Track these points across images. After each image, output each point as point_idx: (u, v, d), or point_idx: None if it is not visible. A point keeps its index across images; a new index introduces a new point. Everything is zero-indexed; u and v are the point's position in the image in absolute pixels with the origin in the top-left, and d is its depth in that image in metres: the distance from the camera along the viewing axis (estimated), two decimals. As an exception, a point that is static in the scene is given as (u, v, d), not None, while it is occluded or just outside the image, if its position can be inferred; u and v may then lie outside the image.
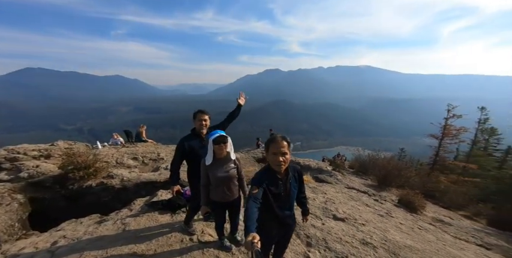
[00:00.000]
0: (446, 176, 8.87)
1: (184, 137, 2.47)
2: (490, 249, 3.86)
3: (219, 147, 2.00)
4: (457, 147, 12.45)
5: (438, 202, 6.93)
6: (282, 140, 1.46)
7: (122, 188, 4.41)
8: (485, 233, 4.72)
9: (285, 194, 1.56)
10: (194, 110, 2.49)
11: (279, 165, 1.47)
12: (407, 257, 2.63)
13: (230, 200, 2.15)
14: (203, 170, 2.08)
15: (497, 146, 14.22)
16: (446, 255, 2.88)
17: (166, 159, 6.63)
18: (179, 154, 2.41)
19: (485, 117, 12.83)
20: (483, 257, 3.28)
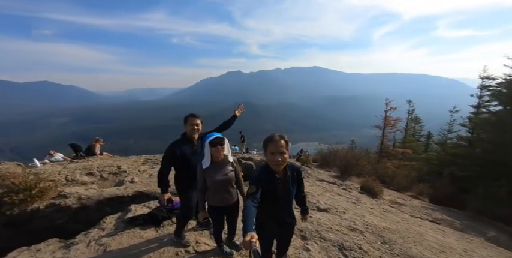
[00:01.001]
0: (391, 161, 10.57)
1: (174, 142, 2.31)
2: (439, 224, 4.56)
3: (216, 149, 1.92)
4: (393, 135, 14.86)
5: (389, 186, 7.80)
6: (280, 139, 1.46)
7: (81, 207, 3.81)
8: (431, 210, 5.54)
9: (284, 193, 1.56)
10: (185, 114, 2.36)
11: (277, 164, 1.46)
12: (390, 237, 2.91)
13: (229, 203, 2.07)
14: (200, 174, 1.98)
15: (421, 132, 17.58)
16: (414, 233, 3.30)
17: (129, 172, 6.00)
18: (168, 161, 2.25)
19: (412, 108, 15.70)
20: (438, 231, 3.84)
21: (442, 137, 14.22)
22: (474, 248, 3.26)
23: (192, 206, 2.39)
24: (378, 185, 5.78)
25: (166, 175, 2.26)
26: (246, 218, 1.25)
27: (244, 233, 1.15)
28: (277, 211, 1.60)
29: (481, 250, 3.25)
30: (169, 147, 2.28)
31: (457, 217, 5.35)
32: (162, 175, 2.25)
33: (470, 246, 3.38)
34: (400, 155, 11.16)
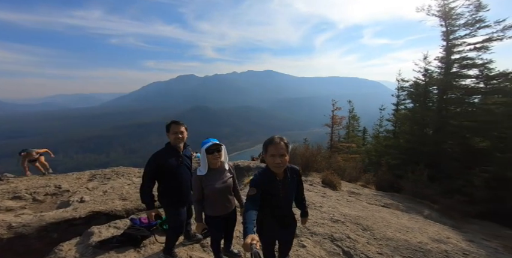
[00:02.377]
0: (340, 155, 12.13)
1: (157, 154, 2.10)
2: (389, 208, 5.23)
3: (213, 156, 1.84)
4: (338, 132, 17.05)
5: (342, 178, 8.46)
6: (280, 142, 1.46)
7: (16, 237, 3.09)
8: (380, 196, 6.26)
9: (284, 195, 1.55)
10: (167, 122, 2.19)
11: (278, 166, 1.46)
12: (367, 224, 3.19)
13: (229, 211, 2.00)
14: (197, 184, 1.87)
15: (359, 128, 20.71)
16: (379, 218, 3.75)
17: (74, 191, 5.14)
18: (151, 176, 2.06)
19: (351, 107, 18.40)
20: (392, 215, 4.42)
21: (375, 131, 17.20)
22: (423, 226, 3.84)
23: (183, 220, 2.27)
24: (336, 178, 6.23)
25: (150, 190, 2.09)
26: (246, 220, 1.25)
27: (244, 235, 1.15)
28: (278, 213, 1.60)
29: (428, 227, 3.85)
30: (151, 160, 2.07)
31: (399, 200, 6.22)
32: (146, 191, 2.06)
33: (420, 224, 3.96)
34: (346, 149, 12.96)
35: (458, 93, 10.27)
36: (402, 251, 2.64)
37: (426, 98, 11.16)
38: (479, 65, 9.42)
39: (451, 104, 10.49)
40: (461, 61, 9.68)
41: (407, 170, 8.50)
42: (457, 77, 10.06)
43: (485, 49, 9.03)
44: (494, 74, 9.52)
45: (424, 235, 3.31)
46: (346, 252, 2.58)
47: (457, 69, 9.91)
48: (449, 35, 9.52)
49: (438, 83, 10.44)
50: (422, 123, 11.25)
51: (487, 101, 9.90)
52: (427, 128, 11.21)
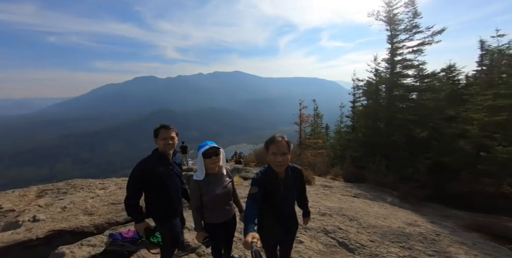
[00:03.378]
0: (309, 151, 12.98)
1: (144, 161, 1.90)
2: (359, 198, 5.57)
3: (211, 161, 1.73)
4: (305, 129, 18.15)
5: (313, 173, 8.84)
6: (281, 140, 1.45)
7: None
8: (349, 187, 6.67)
9: (285, 194, 1.55)
10: (156, 126, 2.01)
11: (279, 165, 1.45)
12: (351, 215, 3.35)
13: (230, 217, 1.91)
14: (196, 190, 1.75)
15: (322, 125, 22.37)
16: (357, 208, 3.99)
17: (21, 210, 4.44)
18: (138, 185, 1.86)
19: (316, 106, 19.79)
20: (364, 204, 4.74)
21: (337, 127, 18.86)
22: (393, 212, 4.20)
23: (179, 231, 2.14)
24: (310, 173, 6.49)
25: (137, 203, 1.88)
26: (246, 219, 1.24)
27: (245, 234, 1.14)
28: (279, 213, 1.59)
29: (397, 213, 4.25)
30: (137, 169, 1.86)
31: (366, 190, 6.72)
32: (133, 203, 1.85)
33: (389, 211, 4.32)
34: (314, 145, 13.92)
35: (401, 91, 11.98)
36: (389, 237, 2.86)
37: (378, 95, 12.69)
38: (416, 66, 11.15)
39: (397, 100, 12.13)
40: (403, 62, 11.28)
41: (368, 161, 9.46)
42: (400, 77, 11.69)
43: (420, 52, 10.74)
44: (426, 73, 11.44)
45: (399, 220, 3.68)
46: (342, 243, 2.70)
47: (400, 69, 11.50)
48: (393, 38, 11.00)
49: (386, 81, 11.98)
50: (376, 118, 12.74)
51: (422, 97, 11.79)
52: (380, 122, 12.78)
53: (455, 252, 2.56)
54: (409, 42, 10.68)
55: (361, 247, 2.62)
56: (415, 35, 10.40)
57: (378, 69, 12.17)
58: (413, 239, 2.89)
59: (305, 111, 14.44)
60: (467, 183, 8.93)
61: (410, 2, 9.96)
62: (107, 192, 4.90)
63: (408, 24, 10.35)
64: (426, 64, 10.87)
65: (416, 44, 10.57)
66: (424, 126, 11.59)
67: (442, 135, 11.24)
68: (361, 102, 15.18)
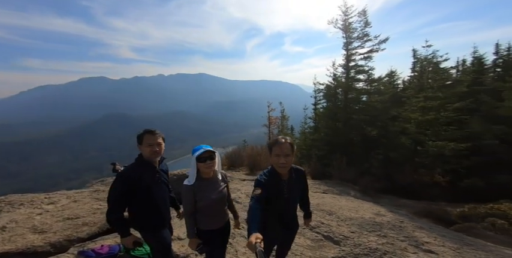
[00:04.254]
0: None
1: (127, 170, 1.72)
2: (328, 193, 5.79)
3: (205, 165, 1.64)
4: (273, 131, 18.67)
5: None
6: (285, 142, 1.44)
7: None
8: (318, 184, 6.97)
9: (288, 196, 1.54)
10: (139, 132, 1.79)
11: (282, 166, 1.45)
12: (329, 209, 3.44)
13: (224, 223, 1.84)
14: (189, 195, 1.64)
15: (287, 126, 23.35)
16: (331, 203, 4.12)
17: None
18: (122, 196, 1.66)
19: (282, 108, 20.55)
20: (333, 198, 4.94)
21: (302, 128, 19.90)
22: (360, 205, 4.44)
23: (170, 242, 1.97)
24: None
25: (122, 216, 1.70)
26: (250, 220, 1.24)
27: (248, 234, 1.14)
28: (282, 215, 1.59)
29: (363, 205, 4.51)
30: (121, 178, 1.68)
31: (332, 186, 7.10)
32: (117, 216, 1.66)
33: (356, 203, 4.57)
34: (282, 146, 14.29)
35: (355, 94, 13.31)
36: (366, 227, 3.05)
37: (336, 98, 13.80)
38: (366, 71, 12.56)
39: (352, 102, 13.41)
40: (356, 68, 12.56)
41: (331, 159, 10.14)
42: (354, 81, 13.01)
43: (370, 58, 12.09)
44: (374, 78, 12.98)
45: (367, 211, 3.93)
46: (327, 236, 2.82)
47: (354, 74, 12.79)
48: (348, 45, 12.14)
49: (342, 85, 13.15)
50: (335, 118, 13.81)
51: (371, 99, 13.33)
52: (338, 123, 13.91)
53: (420, 236, 2.84)
54: (361, 49, 11.90)
55: (345, 239, 2.74)
56: (366, 42, 11.64)
57: (335, 73, 13.24)
58: (385, 227, 3.11)
59: (272, 113, 14.77)
60: (409, 175, 10.31)
61: (363, 12, 11.12)
62: (59, 206, 4.14)
63: (360, 33, 11.53)
64: (374, 69, 12.27)
65: (366, 51, 11.83)
66: (374, 125, 13.02)
67: (388, 133, 12.81)
68: (321, 105, 16.32)
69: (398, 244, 2.62)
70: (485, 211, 5.14)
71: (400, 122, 12.40)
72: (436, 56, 11.81)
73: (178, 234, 2.82)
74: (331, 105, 14.15)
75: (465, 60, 16.81)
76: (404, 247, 2.55)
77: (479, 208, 5.38)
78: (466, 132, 10.88)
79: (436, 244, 2.63)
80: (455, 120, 11.08)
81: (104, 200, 4.10)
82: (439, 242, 2.69)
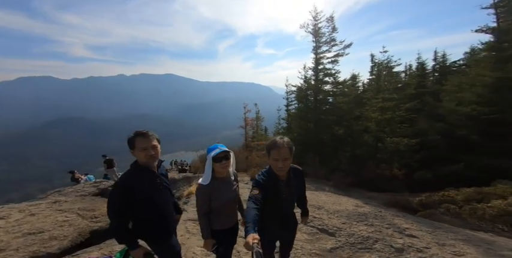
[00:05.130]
0: (255, 153, 13.26)
1: (123, 179, 1.54)
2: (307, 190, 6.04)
3: (221, 165, 1.62)
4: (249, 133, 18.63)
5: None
6: (283, 146, 1.42)
7: None
8: None
9: (287, 195, 1.55)
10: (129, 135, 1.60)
11: (280, 170, 1.45)
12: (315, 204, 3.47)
13: (235, 222, 1.84)
14: (205, 195, 1.62)
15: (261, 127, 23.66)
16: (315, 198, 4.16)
17: None
18: (122, 207, 1.50)
19: (257, 109, 20.69)
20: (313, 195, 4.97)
21: (276, 129, 20.32)
22: (338, 199, 4.58)
23: (179, 250, 1.86)
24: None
25: (126, 228, 1.57)
26: (248, 220, 1.23)
27: (246, 235, 1.13)
28: (281, 214, 1.60)
29: (340, 199, 4.66)
30: (117, 189, 1.52)
31: (309, 183, 7.25)
32: (122, 228, 1.52)
33: (335, 198, 4.73)
34: (258, 147, 14.36)
35: (324, 95, 14.13)
36: (353, 218, 3.17)
37: (307, 100, 14.43)
38: (333, 74, 13.44)
39: (321, 103, 14.20)
40: (324, 71, 13.34)
41: (305, 158, 10.55)
42: (322, 83, 13.81)
43: (336, 62, 12.97)
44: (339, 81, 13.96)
45: (348, 204, 4.10)
46: (322, 229, 2.87)
47: (322, 77, 13.57)
48: (317, 49, 12.83)
49: (312, 87, 13.84)
50: (306, 119, 14.45)
51: (337, 100, 14.33)
52: (310, 123, 14.58)
53: (400, 223, 3.05)
54: (328, 53, 12.69)
55: (339, 230, 2.82)
56: (332, 47, 12.45)
57: (306, 76, 13.84)
58: (370, 217, 3.26)
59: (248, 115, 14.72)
60: (373, 170, 11.31)
61: (330, 18, 11.88)
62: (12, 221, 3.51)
63: (328, 38, 12.29)
64: (340, 73, 13.19)
65: (333, 55, 12.66)
66: (340, 125, 13.97)
67: (353, 132, 13.88)
68: (294, 106, 16.88)
69: (385, 231, 2.76)
70: (439, 198, 5.84)
71: (363, 121, 13.54)
72: (391, 61, 13.26)
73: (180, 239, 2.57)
74: (302, 106, 14.73)
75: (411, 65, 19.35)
76: (391, 234, 2.71)
77: (434, 196, 6.10)
78: (415, 129, 12.43)
79: (415, 229, 2.86)
80: (407, 119, 12.58)
81: (69, 211, 3.81)
82: (417, 227, 2.94)
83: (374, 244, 2.49)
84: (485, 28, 10.42)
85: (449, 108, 11.95)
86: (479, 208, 4.40)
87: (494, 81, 10.00)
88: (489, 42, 10.77)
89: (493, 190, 5.39)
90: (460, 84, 12.16)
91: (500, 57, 10.07)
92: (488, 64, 10.62)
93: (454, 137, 11.44)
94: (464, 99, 11.33)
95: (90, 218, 3.69)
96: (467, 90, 11.39)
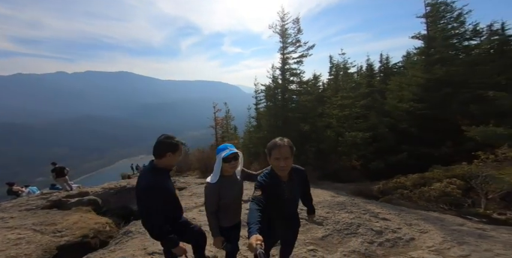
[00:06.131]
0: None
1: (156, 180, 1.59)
2: None
3: (230, 165, 1.67)
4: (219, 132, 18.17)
5: None
6: (284, 145, 1.42)
7: None
8: None
9: (289, 196, 1.54)
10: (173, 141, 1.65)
11: (282, 170, 1.44)
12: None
13: (240, 219, 1.90)
14: (214, 194, 1.67)
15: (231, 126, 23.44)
16: None
17: None
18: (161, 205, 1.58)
19: (227, 109, 20.30)
20: None
21: (247, 127, 20.35)
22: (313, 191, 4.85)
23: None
24: None
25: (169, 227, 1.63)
26: (250, 221, 1.23)
27: (249, 235, 1.14)
28: (283, 214, 1.60)
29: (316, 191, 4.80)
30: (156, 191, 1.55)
31: None
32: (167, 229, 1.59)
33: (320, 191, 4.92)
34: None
35: (290, 94, 14.74)
36: (335, 207, 3.30)
37: (275, 98, 14.84)
38: (298, 74, 14.11)
39: (288, 101, 14.82)
40: (290, 71, 13.89)
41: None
42: (289, 82, 14.39)
43: (301, 62, 13.62)
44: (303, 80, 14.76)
45: (325, 195, 4.26)
46: None
47: (289, 76, 14.12)
48: (284, 49, 13.23)
49: (280, 86, 14.30)
50: (275, 116, 14.89)
51: (302, 99, 15.15)
52: (278, 121, 15.03)
53: (373, 209, 3.35)
54: (294, 54, 13.23)
55: (325, 219, 2.94)
56: (298, 48, 13.01)
57: (274, 75, 14.20)
58: (347, 205, 3.49)
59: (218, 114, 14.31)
60: (335, 162, 12.33)
61: (296, 20, 12.37)
62: None
63: (294, 39, 12.78)
64: (304, 73, 13.93)
65: (298, 56, 13.25)
66: (306, 122, 14.81)
67: (317, 128, 14.88)
68: (263, 105, 17.12)
69: (363, 217, 3.01)
70: (393, 185, 6.65)
71: (325, 118, 14.62)
72: (347, 62, 14.60)
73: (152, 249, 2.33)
74: (271, 104, 15.07)
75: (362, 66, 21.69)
76: (368, 218, 2.96)
77: (389, 183, 6.92)
78: (368, 124, 14.00)
79: (385, 213, 3.20)
80: (362, 115, 14.07)
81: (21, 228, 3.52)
82: (386, 211, 3.29)
83: (357, 229, 2.68)
84: (419, 35, 12.33)
85: (393, 105, 13.81)
86: (425, 191, 5.16)
87: (425, 82, 11.94)
88: (421, 48, 12.79)
89: (432, 175, 6.33)
90: (400, 84, 14.13)
91: (429, 61, 12.05)
92: (420, 67, 12.62)
93: (397, 130, 13.27)
94: (403, 97, 13.22)
95: (53, 232, 3.35)
96: (406, 89, 13.33)
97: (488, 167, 4.80)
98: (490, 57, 11.17)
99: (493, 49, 11.41)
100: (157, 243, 2.64)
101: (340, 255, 2.29)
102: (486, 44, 11.48)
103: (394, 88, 14.74)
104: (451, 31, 11.19)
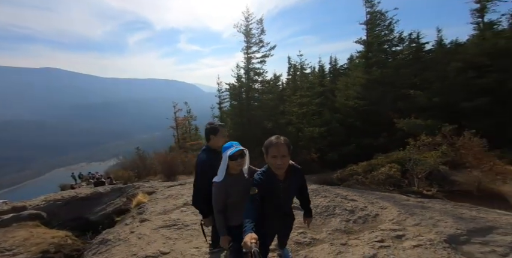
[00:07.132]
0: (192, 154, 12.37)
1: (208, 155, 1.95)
2: None
3: (236, 163, 1.65)
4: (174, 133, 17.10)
5: None
6: (281, 142, 1.40)
7: None
8: None
9: (285, 195, 1.56)
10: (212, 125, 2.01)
11: (279, 168, 1.43)
12: None
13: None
14: (222, 192, 1.63)
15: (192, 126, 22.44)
16: None
17: None
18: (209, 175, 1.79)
19: (188, 108, 19.22)
20: None
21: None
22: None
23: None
24: None
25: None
26: (246, 220, 1.25)
27: (244, 234, 1.14)
28: (279, 212, 1.63)
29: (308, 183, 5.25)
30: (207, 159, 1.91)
31: None
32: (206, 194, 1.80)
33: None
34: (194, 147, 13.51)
35: (254, 93, 15.07)
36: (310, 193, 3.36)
37: (240, 97, 14.92)
38: (261, 73, 14.53)
39: (253, 100, 15.14)
40: (254, 70, 14.17)
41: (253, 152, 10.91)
42: (253, 82, 14.69)
43: (264, 62, 14.04)
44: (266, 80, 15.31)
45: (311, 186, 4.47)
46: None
47: (253, 75, 14.39)
48: (248, 49, 13.36)
49: (244, 85, 14.46)
50: (240, 115, 15.02)
51: (265, 97, 15.73)
52: (244, 119, 15.21)
53: (341, 193, 3.82)
54: (258, 53, 13.55)
55: None
56: (261, 48, 13.37)
57: (239, 74, 14.23)
58: (320, 191, 3.82)
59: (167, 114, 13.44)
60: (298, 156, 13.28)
61: (260, 21, 12.64)
62: None
63: (257, 39, 13.07)
64: (267, 72, 14.43)
65: (261, 56, 13.64)
66: (269, 119, 15.46)
67: (280, 125, 15.71)
68: (226, 104, 16.95)
69: (336, 200, 3.42)
70: (348, 173, 7.63)
71: (287, 115, 15.55)
72: (304, 63, 15.78)
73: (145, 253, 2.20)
74: (236, 103, 15.10)
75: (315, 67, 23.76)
76: (340, 200, 3.39)
77: (345, 172, 7.92)
78: (323, 120, 15.56)
79: (352, 195, 3.71)
80: (317, 112, 15.51)
81: None
82: (352, 194, 3.82)
83: (334, 210, 3.05)
84: (360, 40, 14.29)
85: (341, 103, 15.69)
86: (375, 175, 6.18)
87: (365, 82, 13.99)
88: (361, 51, 14.86)
89: (376, 161, 7.53)
90: (346, 83, 16.14)
91: (368, 64, 14.15)
92: (361, 68, 14.69)
93: (346, 124, 15.17)
94: (349, 95, 15.17)
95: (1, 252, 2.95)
96: (351, 88, 15.32)
97: (415, 152, 6.04)
98: (410, 61, 13.86)
99: (411, 55, 14.13)
100: (146, 247, 2.47)
101: (326, 234, 2.57)
102: (407, 50, 14.16)
103: (341, 87, 16.74)
104: (384, 37, 13.35)
